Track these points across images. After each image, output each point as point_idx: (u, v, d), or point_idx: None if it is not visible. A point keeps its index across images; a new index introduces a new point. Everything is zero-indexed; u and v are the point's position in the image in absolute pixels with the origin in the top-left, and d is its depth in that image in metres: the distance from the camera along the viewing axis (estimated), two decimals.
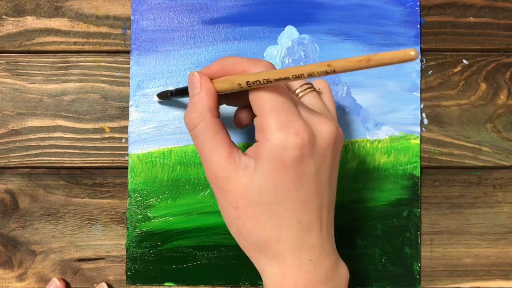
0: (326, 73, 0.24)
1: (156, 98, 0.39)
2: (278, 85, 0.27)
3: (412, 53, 0.21)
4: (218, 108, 0.30)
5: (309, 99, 0.31)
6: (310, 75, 0.25)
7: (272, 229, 0.28)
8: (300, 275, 0.28)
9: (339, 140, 0.29)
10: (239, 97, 0.31)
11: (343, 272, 0.30)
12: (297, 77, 0.25)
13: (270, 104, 0.27)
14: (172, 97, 0.37)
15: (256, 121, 0.28)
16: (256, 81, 0.27)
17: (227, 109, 0.35)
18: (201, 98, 0.29)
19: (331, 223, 0.30)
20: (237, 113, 0.33)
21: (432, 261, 0.39)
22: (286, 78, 0.26)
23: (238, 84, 0.28)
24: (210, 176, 0.29)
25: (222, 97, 0.32)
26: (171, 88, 0.38)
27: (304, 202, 0.28)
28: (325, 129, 0.28)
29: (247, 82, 0.27)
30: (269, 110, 0.27)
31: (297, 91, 0.32)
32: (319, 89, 0.33)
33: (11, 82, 0.39)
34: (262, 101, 0.27)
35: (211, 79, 0.30)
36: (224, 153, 0.28)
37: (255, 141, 0.28)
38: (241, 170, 0.28)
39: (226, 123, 0.37)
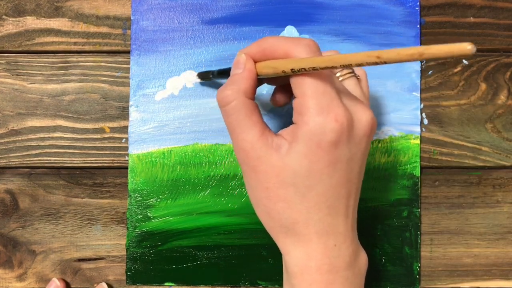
0: (375, 64, 0.24)
1: (197, 78, 0.39)
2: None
3: (469, 47, 0.20)
4: (254, 92, 0.29)
5: (349, 84, 0.31)
6: (359, 65, 0.24)
7: (301, 212, 0.28)
8: (324, 260, 0.28)
9: (374, 129, 0.29)
10: (280, 77, 0.30)
11: (363, 259, 0.30)
12: (345, 66, 0.25)
13: (311, 87, 0.27)
14: (214, 78, 0.37)
15: (295, 103, 0.28)
16: (302, 68, 0.26)
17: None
18: (241, 78, 0.29)
19: (356, 211, 0.30)
20: (275, 91, 0.32)
21: (432, 261, 0.39)
22: (333, 67, 0.25)
23: (283, 71, 0.27)
24: (241, 155, 0.28)
25: (263, 78, 0.31)
26: (212, 69, 0.38)
27: (335, 188, 0.28)
28: (363, 117, 0.28)
29: (292, 69, 0.27)
30: (310, 93, 0.27)
31: (338, 75, 0.31)
32: (358, 75, 0.33)
33: (11, 82, 0.39)
34: (303, 84, 0.27)
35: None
36: (258, 133, 0.28)
37: (292, 123, 0.28)
38: (273, 150, 0.28)
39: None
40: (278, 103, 0.32)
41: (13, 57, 0.40)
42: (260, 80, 0.30)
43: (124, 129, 0.39)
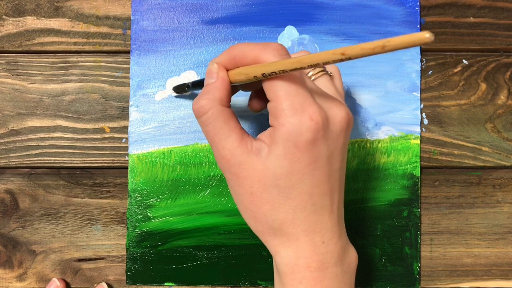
0: (341, 60, 0.24)
1: (173, 92, 0.39)
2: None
3: (427, 35, 0.21)
4: (229, 100, 0.30)
5: (321, 82, 0.31)
6: (326, 63, 0.25)
7: (287, 212, 0.28)
8: (313, 257, 0.29)
9: (350, 124, 0.29)
10: (253, 83, 0.31)
11: (353, 256, 0.31)
12: (312, 66, 0.25)
13: (284, 89, 0.27)
14: (189, 90, 0.37)
15: (269, 106, 0.28)
16: (272, 72, 0.27)
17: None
18: (214, 87, 0.29)
19: (342, 207, 0.31)
20: (251, 97, 0.33)
21: (432, 261, 0.39)
22: (301, 68, 0.26)
23: (254, 76, 0.28)
24: (223, 163, 0.29)
25: (237, 85, 0.31)
26: (186, 81, 0.38)
27: (317, 185, 0.28)
28: (338, 113, 0.28)
29: (262, 74, 0.27)
30: (283, 95, 0.27)
31: (310, 74, 0.32)
32: (330, 72, 0.33)
33: (11, 82, 0.39)
34: (275, 87, 0.27)
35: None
36: (237, 139, 0.28)
37: (269, 126, 0.28)
38: (254, 155, 0.28)
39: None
40: (255, 108, 0.33)
41: (13, 57, 0.40)
42: (235, 88, 0.31)
43: (124, 129, 0.39)
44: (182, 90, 0.38)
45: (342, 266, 0.30)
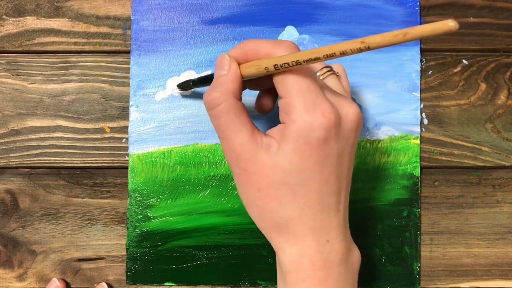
0: (360, 50, 0.23)
1: (177, 90, 0.38)
2: (303, 67, 0.27)
3: (451, 23, 0.20)
4: (241, 93, 0.29)
5: (329, 82, 0.31)
6: (343, 54, 0.24)
7: (294, 209, 0.28)
8: (317, 256, 0.28)
9: (361, 124, 0.29)
10: (262, 80, 0.30)
11: (356, 255, 0.31)
12: (329, 56, 0.24)
13: (296, 85, 0.27)
14: (194, 86, 0.36)
15: (281, 103, 0.28)
16: (285, 63, 0.26)
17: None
18: (227, 79, 0.28)
19: (347, 207, 0.30)
20: (259, 97, 0.32)
21: (431, 261, 0.39)
22: (316, 59, 0.25)
23: (265, 68, 0.27)
24: (232, 157, 0.29)
25: (245, 82, 0.31)
26: (192, 77, 0.37)
27: (326, 183, 0.28)
28: (350, 112, 0.28)
29: (274, 65, 0.27)
30: (295, 91, 0.27)
31: (317, 74, 0.31)
32: (337, 72, 0.33)
33: (11, 82, 0.40)
34: (287, 83, 0.27)
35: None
36: (247, 134, 0.28)
37: (279, 123, 0.28)
38: (263, 151, 0.28)
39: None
40: (262, 109, 0.32)
41: (13, 57, 0.40)
42: (243, 85, 0.30)
43: (124, 129, 0.39)
44: (187, 87, 0.38)
45: (346, 265, 0.30)
